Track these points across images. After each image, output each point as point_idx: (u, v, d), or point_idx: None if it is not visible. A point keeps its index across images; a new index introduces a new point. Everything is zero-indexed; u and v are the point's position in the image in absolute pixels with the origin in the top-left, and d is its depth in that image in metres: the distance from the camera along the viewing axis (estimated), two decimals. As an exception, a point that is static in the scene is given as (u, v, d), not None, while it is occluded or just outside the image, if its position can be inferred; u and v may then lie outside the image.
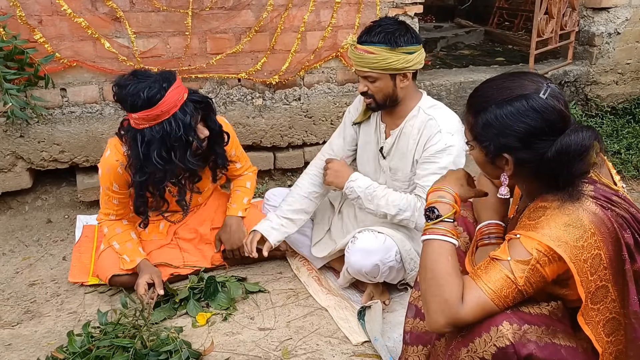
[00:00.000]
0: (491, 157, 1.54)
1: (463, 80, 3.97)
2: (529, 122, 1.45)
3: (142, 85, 2.20)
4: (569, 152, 1.41)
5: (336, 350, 2.19)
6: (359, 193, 2.39)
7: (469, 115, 1.58)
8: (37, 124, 3.09)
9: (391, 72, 2.27)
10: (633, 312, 1.46)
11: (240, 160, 2.79)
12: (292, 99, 3.45)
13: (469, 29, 6.75)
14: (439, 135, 2.29)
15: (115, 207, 2.57)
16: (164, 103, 2.21)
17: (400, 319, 2.33)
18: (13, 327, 2.36)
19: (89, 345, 2.07)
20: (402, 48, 2.23)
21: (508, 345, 1.42)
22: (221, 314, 2.41)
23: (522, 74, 1.55)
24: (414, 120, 2.37)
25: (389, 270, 2.34)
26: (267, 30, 3.28)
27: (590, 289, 1.45)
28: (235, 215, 2.72)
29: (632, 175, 3.68)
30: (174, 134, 2.24)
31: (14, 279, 2.69)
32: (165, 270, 2.59)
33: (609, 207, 1.47)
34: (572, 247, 1.42)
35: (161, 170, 2.30)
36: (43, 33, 2.95)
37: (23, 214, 3.22)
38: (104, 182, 2.48)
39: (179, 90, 2.27)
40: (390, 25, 2.26)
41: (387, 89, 2.32)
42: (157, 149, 2.25)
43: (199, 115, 2.35)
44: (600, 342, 1.49)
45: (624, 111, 4.38)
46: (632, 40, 4.32)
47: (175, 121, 2.24)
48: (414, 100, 2.38)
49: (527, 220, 1.50)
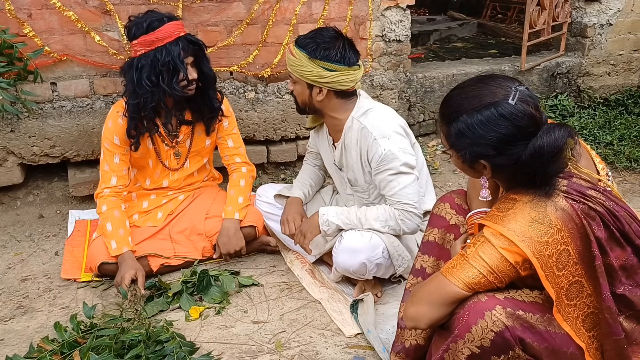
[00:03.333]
0: (469, 163, 1.56)
1: (456, 73, 3.96)
2: (500, 130, 1.47)
3: (146, 17, 2.50)
4: (542, 154, 1.43)
5: (329, 343, 2.19)
6: (337, 222, 2.38)
7: (442, 124, 1.61)
8: (27, 118, 3.06)
9: (305, 80, 2.27)
10: (606, 308, 1.47)
11: (234, 140, 2.84)
12: (285, 92, 3.44)
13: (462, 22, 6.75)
14: (375, 144, 2.28)
15: (116, 167, 2.63)
16: (160, 31, 2.44)
17: (393, 310, 2.34)
18: (5, 322, 2.35)
19: (77, 337, 2.07)
20: (318, 61, 2.22)
21: (504, 329, 1.43)
22: (214, 308, 2.40)
23: (490, 79, 1.56)
24: (350, 132, 2.37)
25: (377, 268, 2.34)
26: (259, 22, 3.26)
27: (562, 285, 1.46)
28: (231, 217, 2.70)
29: (625, 167, 3.69)
30: (162, 60, 2.44)
31: (6, 274, 2.68)
32: (155, 260, 2.60)
33: (581, 202, 1.48)
34: (536, 242, 1.43)
35: (150, 93, 2.49)
36: (32, 27, 2.92)
37: (15, 210, 3.21)
38: (105, 136, 2.64)
39: (177, 27, 2.50)
40: (322, 36, 2.25)
41: (304, 96, 2.35)
42: (147, 73, 2.46)
43: (189, 52, 2.52)
44: (581, 338, 1.50)
45: (617, 102, 4.39)
46: (624, 31, 4.32)
47: (166, 49, 2.45)
48: (347, 112, 2.37)
49: (496, 211, 1.52)
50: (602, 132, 3.97)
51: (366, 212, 2.35)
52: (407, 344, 1.83)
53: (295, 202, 2.64)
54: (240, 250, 2.65)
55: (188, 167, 2.82)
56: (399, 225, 2.29)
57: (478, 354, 1.45)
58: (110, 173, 2.65)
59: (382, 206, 2.34)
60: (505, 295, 1.49)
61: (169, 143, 2.72)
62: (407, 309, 1.59)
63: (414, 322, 1.57)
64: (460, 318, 1.48)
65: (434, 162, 3.75)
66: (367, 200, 2.49)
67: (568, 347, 1.49)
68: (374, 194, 2.45)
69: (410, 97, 3.83)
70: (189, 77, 2.52)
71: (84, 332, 2.10)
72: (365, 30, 3.47)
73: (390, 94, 3.68)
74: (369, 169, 2.36)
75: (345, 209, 2.40)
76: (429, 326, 1.57)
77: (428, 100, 3.90)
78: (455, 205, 1.91)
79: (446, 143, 1.60)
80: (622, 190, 3.40)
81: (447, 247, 1.87)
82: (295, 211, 2.59)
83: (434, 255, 1.88)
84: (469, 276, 1.48)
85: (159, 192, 2.83)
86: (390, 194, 2.29)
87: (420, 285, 1.64)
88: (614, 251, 1.50)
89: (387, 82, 3.65)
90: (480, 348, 1.45)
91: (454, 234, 1.88)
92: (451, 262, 1.54)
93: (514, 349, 1.44)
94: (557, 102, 4.21)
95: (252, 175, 2.89)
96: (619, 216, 1.52)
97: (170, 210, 2.79)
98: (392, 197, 2.29)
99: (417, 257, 1.92)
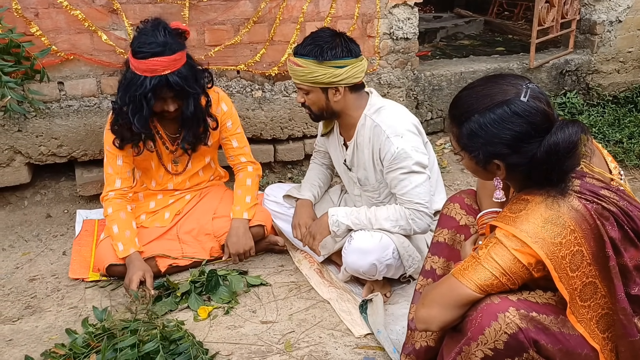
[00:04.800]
0: (482, 164, 1.54)
1: (464, 71, 3.94)
2: (514, 127, 1.45)
3: (146, 38, 2.37)
4: (558, 150, 1.41)
5: (339, 343, 2.18)
6: (346, 222, 2.36)
7: (452, 126, 1.58)
8: (35, 118, 3.06)
9: (320, 85, 2.25)
10: (621, 309, 1.46)
11: (238, 140, 2.80)
12: (292, 90, 3.42)
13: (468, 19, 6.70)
14: (388, 142, 2.27)
15: (120, 169, 2.62)
16: (144, 63, 2.35)
17: (403, 311, 2.33)
18: (14, 322, 2.34)
19: (89, 341, 2.06)
20: (329, 62, 2.20)
21: (517, 331, 1.41)
22: (223, 308, 2.40)
23: (500, 78, 1.54)
24: (363, 130, 2.36)
25: (387, 268, 2.33)
26: (266, 21, 3.25)
27: (575, 286, 1.44)
28: (240, 217, 2.68)
29: (634, 164, 3.66)
30: (133, 90, 2.39)
31: (14, 274, 2.68)
32: (163, 261, 2.59)
33: (595, 202, 1.46)
34: (549, 243, 1.42)
35: (120, 110, 2.48)
36: (39, 26, 2.92)
37: (22, 209, 3.21)
38: (107, 140, 2.61)
39: (163, 64, 2.36)
40: (321, 38, 2.23)
41: (320, 102, 2.32)
42: (122, 91, 2.45)
43: (165, 93, 2.42)
44: (595, 339, 1.48)
45: (626, 100, 4.35)
46: (633, 28, 4.28)
47: (141, 82, 2.36)
48: (360, 109, 2.36)
49: (508, 212, 1.50)
50: (611, 130, 3.94)
51: (376, 212, 2.33)
52: (417, 345, 1.81)
53: (305, 204, 2.63)
54: (250, 250, 2.64)
55: (191, 167, 2.81)
56: (410, 225, 2.27)
57: (492, 356, 1.44)
58: (114, 175, 2.64)
59: (392, 206, 2.32)
60: (518, 296, 1.48)
61: (169, 146, 2.70)
62: (418, 311, 1.58)
63: (425, 324, 1.56)
64: (473, 320, 1.46)
65: (442, 160, 3.73)
66: (376, 200, 2.47)
67: (582, 348, 1.47)
68: (384, 193, 2.44)
69: (417, 95, 3.81)
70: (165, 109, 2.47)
71: (96, 335, 2.09)
72: (373, 28, 3.45)
73: (398, 92, 3.66)
74: (380, 167, 2.35)
75: (355, 209, 2.39)
76: (441, 329, 1.56)
77: (436, 98, 3.88)
78: (465, 205, 1.89)
79: (457, 145, 1.58)
80: (632, 189, 3.33)
81: (457, 247, 1.86)
82: (307, 215, 2.58)
83: (444, 256, 1.87)
84: (481, 278, 1.47)
85: (166, 192, 2.82)
86: (401, 193, 2.28)
87: (432, 287, 1.62)
88: (628, 251, 1.48)
89: (395, 80, 3.63)
90: (494, 350, 1.43)
91: (464, 234, 1.86)
92: (463, 263, 1.53)
93: (528, 351, 1.42)
94: (566, 99, 4.17)
95: (258, 174, 2.88)
96: (633, 216, 1.50)
97: (178, 211, 2.78)
98: (403, 196, 2.28)
99: (427, 258, 1.90)
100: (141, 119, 2.45)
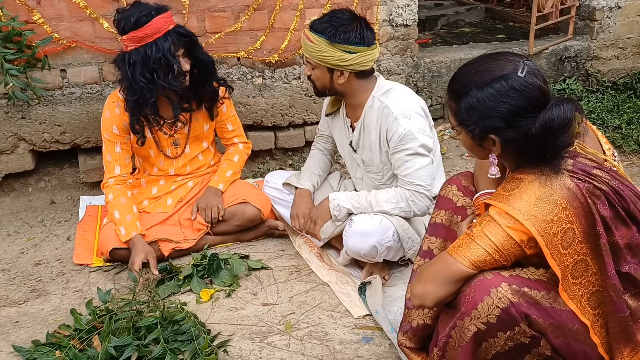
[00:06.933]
0: (478, 139, 1.57)
1: (463, 57, 3.95)
2: (511, 101, 1.48)
3: (134, 11, 2.45)
4: (552, 126, 1.44)
5: (338, 324, 2.22)
6: (347, 206, 2.39)
7: (450, 101, 1.61)
8: (38, 105, 3.09)
9: (327, 65, 2.26)
10: (611, 286, 1.49)
11: (232, 123, 2.87)
12: (292, 77, 3.44)
13: (469, 7, 6.69)
14: (395, 123, 2.29)
15: (119, 156, 2.67)
16: (149, 27, 2.41)
17: (400, 293, 2.37)
18: (20, 305, 2.39)
19: (94, 323, 2.11)
20: (339, 45, 2.21)
21: (509, 305, 1.45)
22: (224, 291, 2.44)
23: (498, 55, 1.57)
24: (371, 111, 2.37)
25: (387, 251, 2.36)
26: (266, 8, 3.26)
27: (567, 263, 1.48)
28: (215, 187, 2.76)
29: (633, 150, 3.68)
30: (153, 57, 2.43)
31: (20, 259, 2.72)
32: (166, 245, 2.63)
33: (587, 181, 1.49)
34: (541, 220, 1.45)
35: (147, 90, 2.48)
36: (41, 14, 2.94)
37: (27, 196, 3.25)
38: (104, 127, 2.67)
39: (166, 20, 2.47)
40: (338, 19, 2.23)
41: (324, 80, 2.34)
42: (140, 70, 2.45)
43: (180, 45, 2.50)
44: (586, 315, 1.52)
45: (625, 86, 4.36)
46: (633, 14, 4.28)
47: (156, 45, 2.43)
48: (367, 91, 2.37)
49: (502, 190, 1.54)
50: (610, 116, 3.96)
51: (376, 194, 2.36)
52: (414, 323, 1.85)
53: (304, 194, 2.65)
54: (217, 207, 2.68)
55: (189, 152, 2.84)
56: (410, 207, 2.31)
57: (484, 330, 1.48)
58: (113, 162, 2.68)
59: (393, 189, 2.36)
60: (510, 272, 1.51)
61: (167, 131, 2.74)
62: (414, 288, 1.62)
63: (420, 300, 1.59)
64: (467, 295, 1.50)
65: (442, 146, 3.75)
66: (379, 182, 2.50)
67: (573, 323, 1.51)
68: (388, 174, 2.46)
69: (417, 82, 3.83)
70: (180, 65, 2.51)
71: (100, 316, 2.14)
72: (373, 15, 3.46)
73: (398, 79, 3.68)
74: (386, 148, 2.37)
75: (355, 193, 2.42)
76: (436, 304, 1.60)
77: (435, 85, 3.90)
78: (462, 187, 1.92)
79: (454, 120, 1.61)
80: (630, 174, 3.39)
81: (454, 228, 1.89)
82: (305, 206, 2.60)
83: (441, 237, 1.90)
84: (474, 254, 1.50)
85: (168, 178, 2.86)
86: (404, 174, 2.31)
87: (427, 264, 1.66)
88: (619, 230, 1.52)
89: (395, 67, 3.65)
90: (487, 324, 1.47)
91: (461, 215, 1.89)
92: (457, 241, 1.56)
93: (520, 324, 1.46)
94: (565, 86, 4.19)
95: (247, 152, 2.95)
96: (624, 195, 1.53)
97: (180, 197, 2.81)
98: (405, 177, 2.31)
99: (425, 238, 1.94)
100: (179, 76, 2.50)
